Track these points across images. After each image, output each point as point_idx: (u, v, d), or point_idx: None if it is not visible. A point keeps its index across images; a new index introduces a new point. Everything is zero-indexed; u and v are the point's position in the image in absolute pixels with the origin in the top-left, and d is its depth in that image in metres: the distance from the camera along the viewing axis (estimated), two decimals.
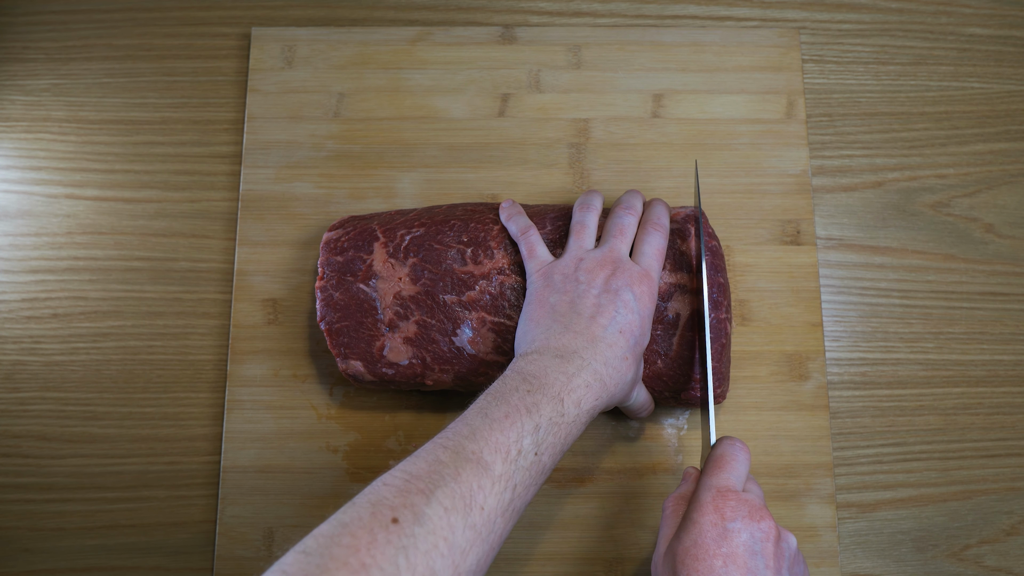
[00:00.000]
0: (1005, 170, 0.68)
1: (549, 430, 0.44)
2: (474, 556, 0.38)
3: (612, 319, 0.50)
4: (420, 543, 0.36)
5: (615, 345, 0.49)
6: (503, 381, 0.46)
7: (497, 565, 0.59)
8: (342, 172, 0.66)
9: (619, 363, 0.49)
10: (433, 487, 0.38)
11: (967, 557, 0.61)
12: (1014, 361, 0.65)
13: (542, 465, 0.43)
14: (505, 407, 0.43)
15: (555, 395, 0.45)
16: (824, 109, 0.69)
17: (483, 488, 0.39)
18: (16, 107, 0.69)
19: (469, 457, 0.40)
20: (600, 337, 0.49)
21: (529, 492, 0.43)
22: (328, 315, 0.57)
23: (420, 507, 0.37)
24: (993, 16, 0.72)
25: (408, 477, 0.39)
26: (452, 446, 0.41)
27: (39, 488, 0.62)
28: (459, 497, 0.38)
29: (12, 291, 0.65)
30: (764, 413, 0.62)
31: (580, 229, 0.56)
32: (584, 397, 0.46)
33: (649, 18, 0.71)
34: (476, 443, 0.41)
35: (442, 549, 0.37)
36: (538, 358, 0.47)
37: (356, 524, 0.36)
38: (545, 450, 0.43)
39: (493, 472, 0.40)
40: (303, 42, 0.69)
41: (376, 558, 0.35)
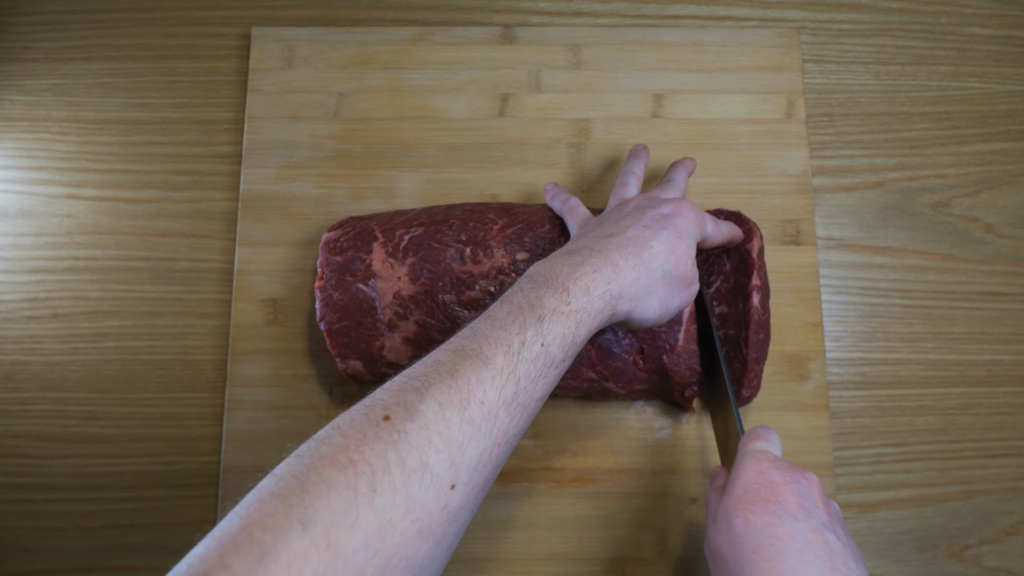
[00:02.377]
0: (1005, 170, 0.68)
1: (555, 320, 0.42)
2: (473, 450, 0.38)
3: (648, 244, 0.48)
4: (412, 438, 0.36)
5: (637, 237, 0.47)
6: (513, 287, 0.45)
7: (497, 565, 0.59)
8: (342, 172, 0.66)
9: (638, 250, 0.47)
10: (428, 384, 0.38)
11: (967, 557, 0.61)
12: (1014, 361, 0.65)
13: (550, 357, 0.42)
14: (508, 306, 0.43)
15: (559, 285, 0.44)
16: (824, 109, 0.69)
17: (482, 382, 0.39)
18: (16, 107, 0.69)
19: (468, 354, 0.40)
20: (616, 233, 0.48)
21: (538, 386, 0.42)
22: (328, 315, 0.57)
23: (413, 403, 0.37)
24: (993, 16, 0.72)
25: (405, 379, 0.39)
26: (453, 347, 0.41)
27: (39, 488, 0.62)
28: (455, 391, 0.38)
29: (12, 291, 0.65)
30: (764, 413, 0.62)
31: (621, 187, 0.57)
32: (593, 282, 0.44)
33: (649, 18, 0.71)
34: (476, 341, 0.41)
35: (436, 443, 0.36)
36: (547, 260, 0.47)
37: (348, 425, 0.36)
38: (552, 340, 0.42)
39: (494, 366, 0.39)
40: (303, 42, 0.69)
41: (364, 454, 0.35)
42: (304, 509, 0.32)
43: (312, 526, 0.32)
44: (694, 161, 0.61)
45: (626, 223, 0.49)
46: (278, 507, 0.32)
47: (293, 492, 0.33)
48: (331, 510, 0.33)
